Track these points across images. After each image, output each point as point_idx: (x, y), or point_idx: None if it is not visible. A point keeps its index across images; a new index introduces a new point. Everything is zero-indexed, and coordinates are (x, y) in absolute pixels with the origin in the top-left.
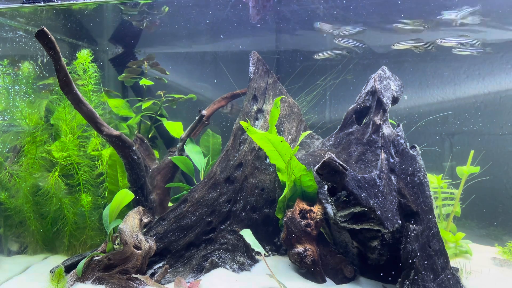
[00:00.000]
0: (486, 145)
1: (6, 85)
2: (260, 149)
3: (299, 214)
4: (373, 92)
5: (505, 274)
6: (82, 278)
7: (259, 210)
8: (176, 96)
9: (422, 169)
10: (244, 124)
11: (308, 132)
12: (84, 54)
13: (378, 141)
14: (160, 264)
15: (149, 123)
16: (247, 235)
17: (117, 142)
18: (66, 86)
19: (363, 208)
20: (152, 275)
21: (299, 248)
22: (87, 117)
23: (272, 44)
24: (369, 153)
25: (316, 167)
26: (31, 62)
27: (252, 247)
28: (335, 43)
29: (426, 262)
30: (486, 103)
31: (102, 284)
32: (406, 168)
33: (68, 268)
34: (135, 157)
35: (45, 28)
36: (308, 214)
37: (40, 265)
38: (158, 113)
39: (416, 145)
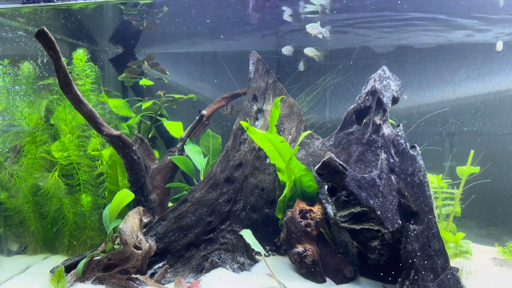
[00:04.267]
0: (486, 145)
1: (6, 85)
2: (260, 149)
3: (299, 214)
4: (373, 92)
5: (505, 274)
6: (82, 278)
7: (259, 210)
8: (176, 96)
9: (422, 169)
10: (244, 124)
11: (308, 132)
12: (80, 54)
13: (378, 141)
14: (160, 264)
15: (149, 123)
16: (247, 235)
17: (117, 142)
18: (66, 86)
19: (363, 208)
20: (152, 275)
21: (299, 248)
22: (87, 117)
23: (272, 44)
24: (369, 153)
25: (316, 167)
26: (31, 62)
27: (252, 247)
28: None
29: (426, 262)
30: (486, 103)
31: (102, 284)
32: (406, 168)
33: (68, 268)
34: (135, 157)
35: (45, 28)
36: (308, 214)
37: (40, 265)
38: (158, 113)
39: (416, 145)
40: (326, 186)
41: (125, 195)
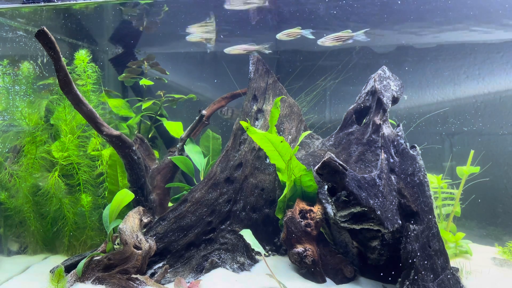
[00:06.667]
0: (486, 145)
1: (6, 85)
2: (260, 149)
3: (299, 214)
4: (373, 92)
5: (505, 274)
6: (82, 278)
7: (259, 210)
8: (176, 96)
9: (422, 169)
10: (244, 124)
11: (308, 132)
12: (82, 54)
13: (378, 141)
14: (160, 264)
15: (149, 123)
16: (247, 235)
17: (117, 142)
18: (66, 86)
19: (363, 208)
20: (152, 275)
21: (299, 248)
22: (87, 117)
23: (272, 44)
24: (369, 153)
25: (316, 167)
26: (31, 62)
27: (252, 247)
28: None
29: (426, 262)
30: (486, 103)
31: (102, 284)
32: (406, 168)
33: (68, 268)
34: (135, 157)
35: (45, 28)
36: (308, 214)
37: (40, 265)
38: (158, 113)
39: (416, 145)
40: (326, 186)
41: (125, 195)
